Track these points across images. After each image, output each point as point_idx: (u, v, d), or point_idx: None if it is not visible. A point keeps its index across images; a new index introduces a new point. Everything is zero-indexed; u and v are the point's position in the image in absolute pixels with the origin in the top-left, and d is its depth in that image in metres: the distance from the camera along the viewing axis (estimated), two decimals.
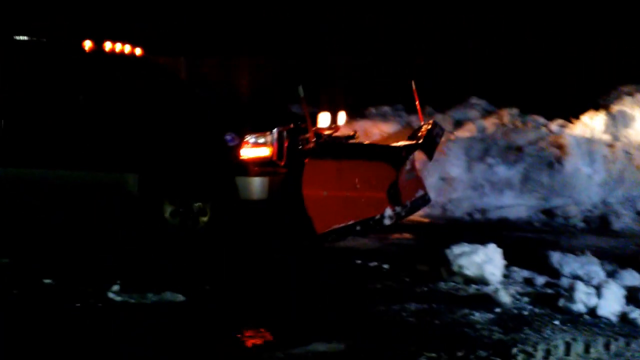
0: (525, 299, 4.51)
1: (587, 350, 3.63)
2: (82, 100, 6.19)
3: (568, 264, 4.96)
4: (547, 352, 3.58)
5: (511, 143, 8.35)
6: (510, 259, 5.06)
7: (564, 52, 11.43)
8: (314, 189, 5.34)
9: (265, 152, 5.88)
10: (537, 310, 4.30)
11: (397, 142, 6.43)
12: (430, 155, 6.25)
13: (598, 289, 4.25)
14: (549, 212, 7.57)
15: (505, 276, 4.93)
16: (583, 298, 4.19)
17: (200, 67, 13.44)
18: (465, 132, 8.60)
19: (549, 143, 8.20)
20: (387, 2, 12.91)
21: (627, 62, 10.42)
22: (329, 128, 6.71)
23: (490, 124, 8.69)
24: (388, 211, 5.89)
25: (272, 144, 5.90)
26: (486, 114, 9.04)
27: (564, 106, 8.90)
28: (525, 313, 4.25)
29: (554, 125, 8.50)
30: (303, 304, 4.45)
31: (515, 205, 7.77)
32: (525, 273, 5.02)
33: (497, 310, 4.29)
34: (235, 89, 12.92)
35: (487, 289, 4.67)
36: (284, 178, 5.81)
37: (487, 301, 4.43)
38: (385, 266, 5.33)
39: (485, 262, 4.84)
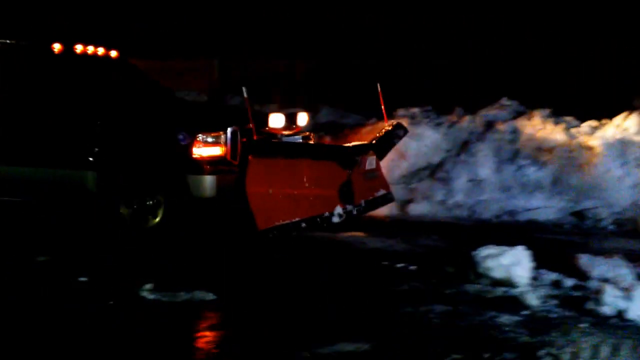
0: (553, 301, 4.49)
1: (614, 353, 3.60)
2: (48, 100, 6.51)
3: (597, 266, 4.92)
4: (574, 355, 3.57)
5: (542, 144, 8.28)
6: (539, 262, 5.03)
7: (597, 52, 11.27)
8: (257, 186, 5.43)
9: (218, 151, 6.07)
10: (564, 313, 4.28)
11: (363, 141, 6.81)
12: (380, 156, 6.60)
13: (627, 292, 4.21)
14: (579, 215, 7.50)
15: (533, 279, 4.91)
16: (611, 301, 4.16)
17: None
18: (495, 133, 8.56)
19: (580, 144, 8.11)
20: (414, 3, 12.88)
21: None
22: (287, 128, 6.82)
23: (521, 125, 8.63)
24: (338, 209, 6.08)
25: (225, 144, 6.08)
26: (517, 114, 8.98)
27: (597, 107, 8.79)
28: (553, 316, 4.23)
29: (586, 127, 8.41)
30: (329, 304, 4.49)
31: (544, 207, 7.72)
32: (554, 275, 4.98)
33: (524, 312, 4.28)
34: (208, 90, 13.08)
35: (515, 292, 4.66)
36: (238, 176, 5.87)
37: (514, 303, 4.43)
38: (412, 267, 5.35)
39: (512, 264, 4.83)
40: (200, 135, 6.00)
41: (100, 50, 7.38)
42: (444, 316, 4.23)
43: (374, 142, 6.68)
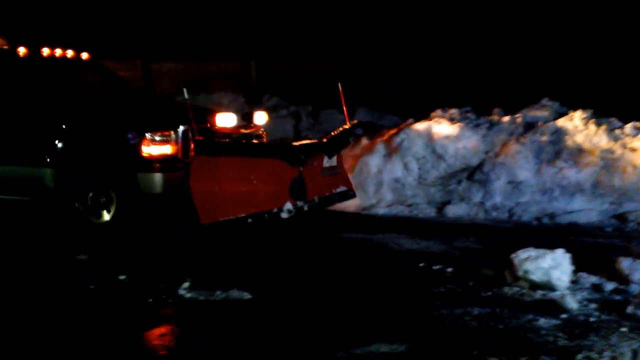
0: (593, 305, 4.43)
1: None
2: (12, 102, 6.93)
3: (638, 270, 4.83)
4: None
5: (583, 146, 8.14)
6: (579, 265, 4.96)
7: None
8: (201, 182, 5.57)
9: (168, 149, 6.34)
10: (604, 317, 4.21)
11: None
12: (329, 154, 6.84)
13: None
14: (621, 217, 7.35)
15: (573, 282, 4.84)
16: None
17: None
18: (535, 135, 8.44)
19: (623, 146, 7.95)
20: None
21: None
22: (244, 127, 7.11)
23: (562, 126, 8.50)
24: (288, 205, 6.24)
25: (176, 142, 6.34)
26: (558, 115, 8.83)
27: None
28: (592, 319, 4.17)
29: (630, 128, 8.22)
30: (364, 305, 4.51)
31: (585, 209, 7.58)
32: (594, 279, 4.91)
33: (563, 316, 4.23)
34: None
35: (553, 295, 4.60)
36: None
37: (553, 307, 4.37)
38: (449, 269, 5.33)
39: (552, 267, 4.78)
40: (148, 134, 6.29)
41: (70, 53, 7.77)
42: (480, 319, 4.20)
43: (324, 140, 6.94)
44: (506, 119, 8.89)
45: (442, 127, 8.62)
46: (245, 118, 7.27)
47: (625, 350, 3.64)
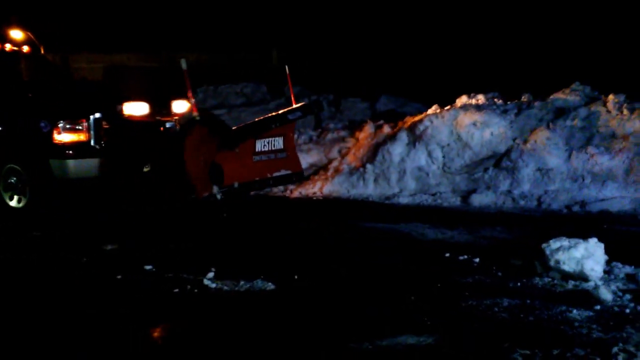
0: (628, 296, 4.22)
1: None
2: None
3: None
4: None
5: (616, 131, 7.87)
6: (612, 254, 4.75)
7: None
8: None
9: (80, 137, 6.77)
10: None
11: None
12: (230, 143, 6.83)
13: None
14: None
15: (607, 272, 4.64)
16: None
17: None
18: (566, 120, 8.18)
19: None
20: None
21: None
22: (160, 115, 7.36)
23: (593, 111, 8.23)
24: (215, 189, 6.55)
25: (88, 130, 6.75)
26: (590, 100, 8.55)
27: None
28: (628, 311, 3.97)
29: None
30: (390, 296, 4.36)
31: (618, 197, 7.33)
32: (628, 269, 4.70)
33: (597, 307, 4.03)
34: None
35: (587, 286, 4.41)
36: (104, 160, 6.77)
37: (586, 298, 4.18)
38: (476, 260, 5.15)
39: (585, 257, 4.57)
40: (61, 122, 6.71)
41: (8, 46, 8.23)
42: (511, 310, 4.03)
43: (248, 122, 7.25)
44: (535, 104, 8.64)
45: (468, 114, 8.41)
46: (164, 106, 7.45)
47: None
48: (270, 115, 7.33)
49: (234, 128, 7.19)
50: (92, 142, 6.79)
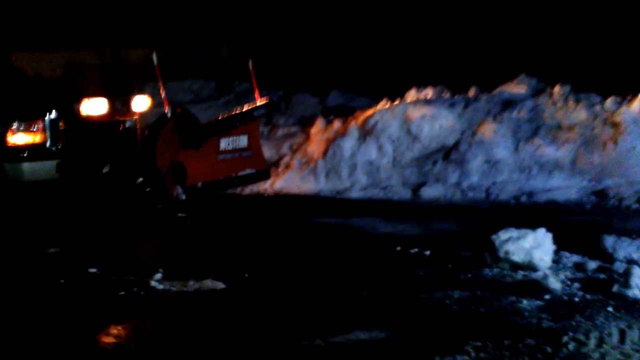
0: (577, 285, 4.28)
1: None
2: None
3: (622, 247, 4.70)
4: (600, 341, 3.36)
5: (562, 122, 8.02)
6: (560, 244, 4.81)
7: (620, 24, 10.84)
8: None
9: (35, 138, 6.40)
10: (589, 296, 4.06)
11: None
12: (196, 142, 6.78)
13: None
14: (600, 194, 7.23)
15: (555, 261, 4.70)
16: (639, 283, 3.93)
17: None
18: (513, 112, 8.30)
19: (603, 121, 7.83)
20: None
21: None
22: (119, 114, 7.06)
23: (540, 102, 8.36)
24: (178, 189, 6.53)
25: (44, 131, 6.40)
26: (536, 92, 8.69)
27: (621, 82, 8.44)
28: (577, 300, 4.02)
29: (609, 103, 8.09)
30: (342, 291, 4.32)
31: (564, 187, 7.47)
32: (576, 258, 4.77)
33: (547, 297, 4.07)
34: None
35: (536, 275, 4.46)
36: (62, 162, 6.41)
37: (536, 288, 4.22)
38: (427, 252, 5.16)
39: (533, 247, 4.62)
40: (14, 124, 6.32)
41: None
42: (462, 302, 4.04)
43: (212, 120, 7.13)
44: (483, 96, 8.73)
45: (417, 107, 8.45)
46: (123, 104, 7.14)
47: (613, 330, 3.48)
48: (234, 112, 7.16)
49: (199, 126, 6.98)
50: (48, 144, 6.42)
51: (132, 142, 6.93)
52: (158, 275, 4.57)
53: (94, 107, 6.79)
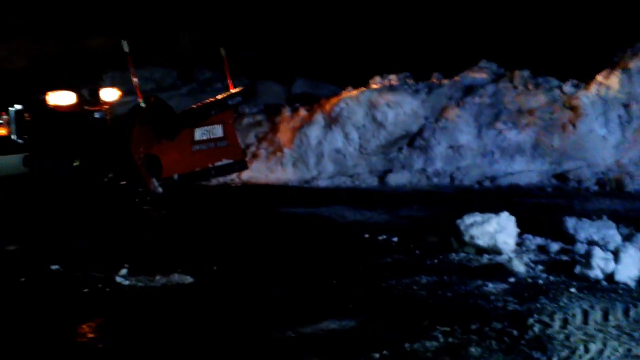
0: (540, 267, 4.38)
1: (606, 318, 3.49)
2: None
3: (583, 229, 4.82)
4: (565, 322, 3.45)
5: (522, 107, 8.15)
6: (523, 227, 4.91)
7: (575, 7, 11.02)
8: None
9: (0, 131, 6.54)
10: (552, 278, 4.17)
11: None
12: (170, 133, 6.79)
13: (615, 254, 4.10)
14: (561, 177, 7.41)
15: (519, 244, 4.81)
16: (600, 264, 4.04)
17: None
18: (474, 98, 8.40)
19: (562, 105, 7.99)
20: None
21: None
22: (88, 105, 7.07)
23: (500, 87, 8.48)
24: (154, 182, 6.56)
25: (8, 124, 6.49)
26: (497, 77, 8.81)
27: (578, 66, 8.61)
28: (540, 282, 4.12)
29: (568, 86, 8.26)
30: (311, 281, 4.34)
31: (526, 170, 7.62)
32: (539, 240, 4.88)
33: (511, 280, 4.17)
34: None
35: (500, 259, 4.55)
36: (29, 155, 6.40)
37: (501, 271, 4.31)
38: (394, 239, 5.21)
39: (497, 231, 4.71)
40: None
41: None
42: (429, 288, 4.09)
43: (186, 109, 7.08)
44: (445, 82, 8.82)
45: (381, 94, 8.49)
46: (92, 95, 7.06)
47: (577, 311, 3.58)
48: (208, 101, 7.05)
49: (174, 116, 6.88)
50: (13, 137, 6.37)
51: (103, 133, 6.79)
52: (123, 271, 4.51)
53: (61, 98, 6.66)
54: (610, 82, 7.99)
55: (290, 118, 8.84)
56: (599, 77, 8.15)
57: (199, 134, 6.92)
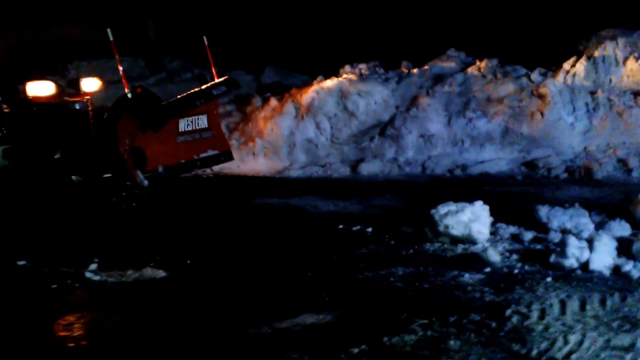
0: (515, 256, 4.39)
1: (583, 308, 3.51)
2: None
3: (556, 217, 4.85)
4: (543, 312, 3.46)
5: (491, 95, 8.19)
6: (496, 215, 4.92)
7: None
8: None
9: None
10: (527, 267, 4.18)
11: None
12: (157, 123, 6.64)
13: (589, 242, 4.13)
14: (530, 164, 7.48)
15: (493, 234, 4.81)
16: (575, 253, 4.06)
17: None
18: (444, 87, 8.41)
19: (530, 93, 8.05)
20: None
21: (607, 4, 10.16)
22: (68, 95, 6.87)
23: (469, 76, 8.51)
24: (139, 175, 6.41)
25: None
26: (465, 66, 8.84)
27: (545, 54, 8.69)
28: (516, 272, 4.13)
29: (535, 75, 8.33)
30: (286, 274, 4.28)
31: (496, 159, 7.68)
32: (512, 229, 4.89)
33: (487, 270, 4.16)
34: None
35: (475, 248, 4.56)
36: (8, 148, 6.18)
37: (476, 261, 4.31)
38: (369, 230, 5.18)
39: (472, 220, 4.71)
40: None
41: None
42: (405, 279, 4.07)
43: (170, 100, 6.87)
44: (415, 71, 8.81)
45: (352, 84, 8.45)
46: (72, 85, 6.91)
47: (554, 301, 3.59)
48: (193, 91, 6.86)
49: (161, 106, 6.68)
50: None
51: (85, 125, 6.58)
52: (93, 266, 4.40)
53: (40, 88, 6.41)
54: (577, 70, 8.09)
55: (261, 108, 8.75)
56: (566, 65, 8.24)
57: (183, 125, 6.77)
